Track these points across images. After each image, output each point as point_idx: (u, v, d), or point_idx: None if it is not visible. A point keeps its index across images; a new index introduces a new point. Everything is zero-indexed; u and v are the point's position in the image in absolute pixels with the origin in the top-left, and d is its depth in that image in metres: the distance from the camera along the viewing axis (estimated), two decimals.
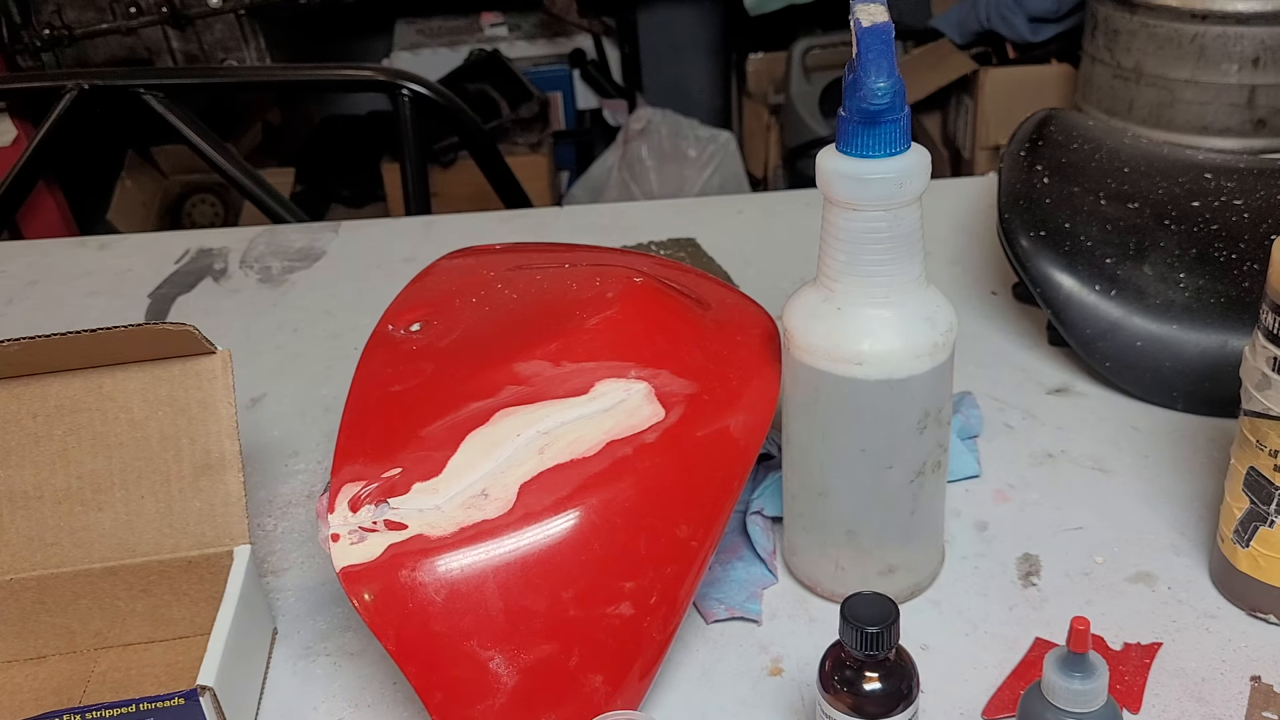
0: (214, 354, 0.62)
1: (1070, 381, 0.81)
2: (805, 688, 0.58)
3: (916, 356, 0.55)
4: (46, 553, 0.61)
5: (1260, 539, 0.58)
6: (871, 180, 0.52)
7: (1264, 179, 0.84)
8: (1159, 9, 1.89)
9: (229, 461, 0.62)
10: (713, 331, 0.66)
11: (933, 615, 0.62)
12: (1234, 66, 1.86)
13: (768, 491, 0.68)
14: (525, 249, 0.81)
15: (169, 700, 0.51)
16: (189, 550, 0.61)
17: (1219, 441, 0.73)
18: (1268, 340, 0.55)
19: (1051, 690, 0.46)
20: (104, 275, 1.04)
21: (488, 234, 1.04)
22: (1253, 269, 0.76)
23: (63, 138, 1.35)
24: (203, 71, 2.07)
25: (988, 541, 0.67)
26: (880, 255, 0.54)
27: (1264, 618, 0.61)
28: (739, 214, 1.08)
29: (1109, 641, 0.60)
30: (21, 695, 0.61)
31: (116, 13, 2.26)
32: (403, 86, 1.36)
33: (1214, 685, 0.57)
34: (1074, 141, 0.88)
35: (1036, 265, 0.79)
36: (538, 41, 2.78)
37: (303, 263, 1.05)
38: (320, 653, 0.63)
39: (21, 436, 0.61)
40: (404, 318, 0.69)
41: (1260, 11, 1.82)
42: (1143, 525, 0.68)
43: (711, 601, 0.63)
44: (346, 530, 0.57)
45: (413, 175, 1.39)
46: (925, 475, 0.59)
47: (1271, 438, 0.56)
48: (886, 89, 0.51)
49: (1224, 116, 1.90)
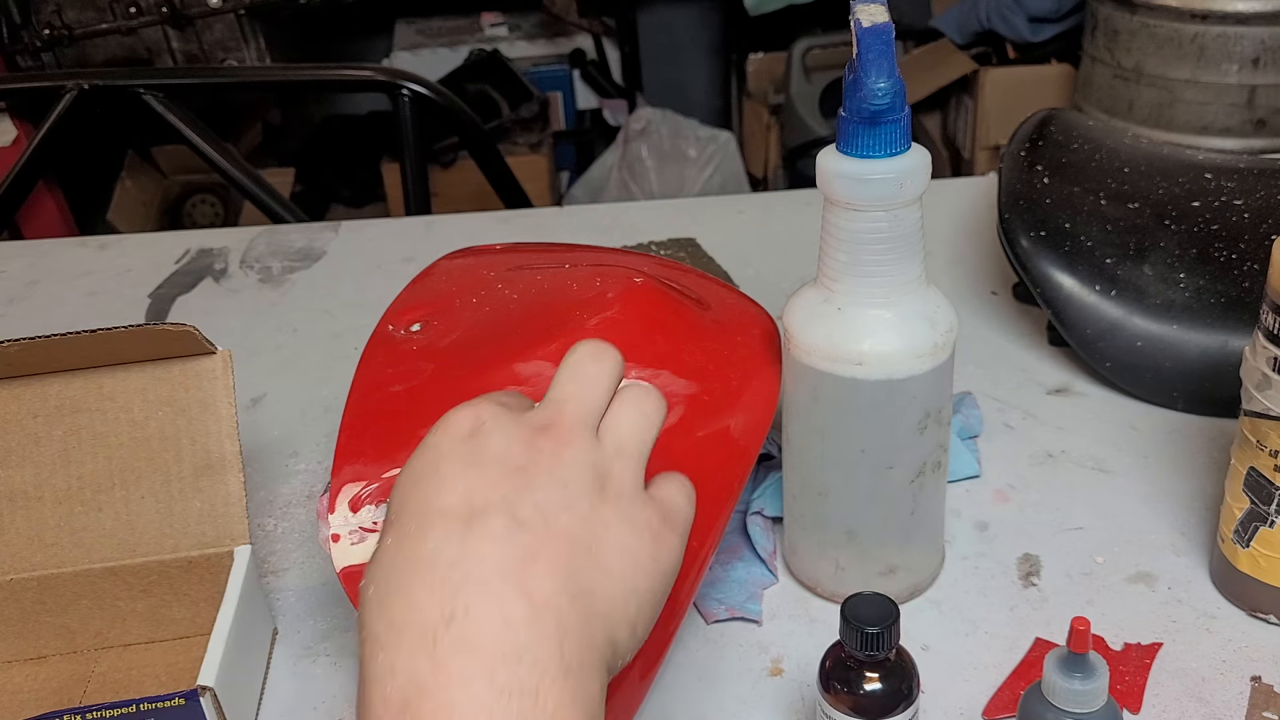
0: (214, 354, 0.62)
1: (1070, 381, 0.81)
2: (805, 688, 0.58)
3: (917, 357, 0.55)
4: (46, 553, 0.61)
5: (1260, 539, 0.58)
6: (872, 180, 0.52)
7: (1264, 179, 0.84)
8: (1159, 9, 1.89)
9: (229, 462, 0.62)
10: (713, 331, 0.66)
11: (933, 615, 0.62)
12: (1234, 66, 1.86)
13: (768, 491, 0.68)
14: (525, 249, 0.81)
15: (169, 700, 0.51)
16: (189, 550, 0.61)
17: (1219, 441, 0.73)
18: (1268, 340, 0.55)
19: (1052, 690, 0.46)
20: (104, 275, 1.04)
21: (488, 234, 1.04)
22: (1253, 269, 0.76)
23: (63, 138, 1.35)
24: (203, 71, 2.07)
25: (988, 541, 0.67)
26: (880, 255, 0.54)
27: (1264, 618, 0.61)
28: (739, 214, 1.08)
29: (1109, 641, 0.60)
30: (21, 695, 0.61)
31: (116, 13, 2.26)
32: (403, 86, 1.36)
33: (1214, 685, 0.57)
34: (1074, 141, 0.88)
35: (1036, 265, 0.79)
36: (538, 41, 2.78)
37: (303, 263, 1.05)
38: (320, 653, 0.63)
39: (21, 436, 0.61)
40: (404, 318, 0.69)
41: (1260, 11, 1.82)
42: (1143, 525, 0.68)
43: (711, 601, 0.63)
44: (347, 530, 0.57)
45: (413, 175, 1.39)
46: (925, 475, 0.59)
47: (1272, 438, 0.56)
48: (887, 89, 0.51)
49: (1224, 116, 1.90)
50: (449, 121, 1.47)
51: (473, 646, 0.36)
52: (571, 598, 0.38)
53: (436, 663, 0.36)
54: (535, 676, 0.36)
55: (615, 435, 0.43)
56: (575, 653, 0.38)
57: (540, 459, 0.41)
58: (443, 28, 2.81)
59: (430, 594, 0.37)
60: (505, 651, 0.36)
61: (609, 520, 0.41)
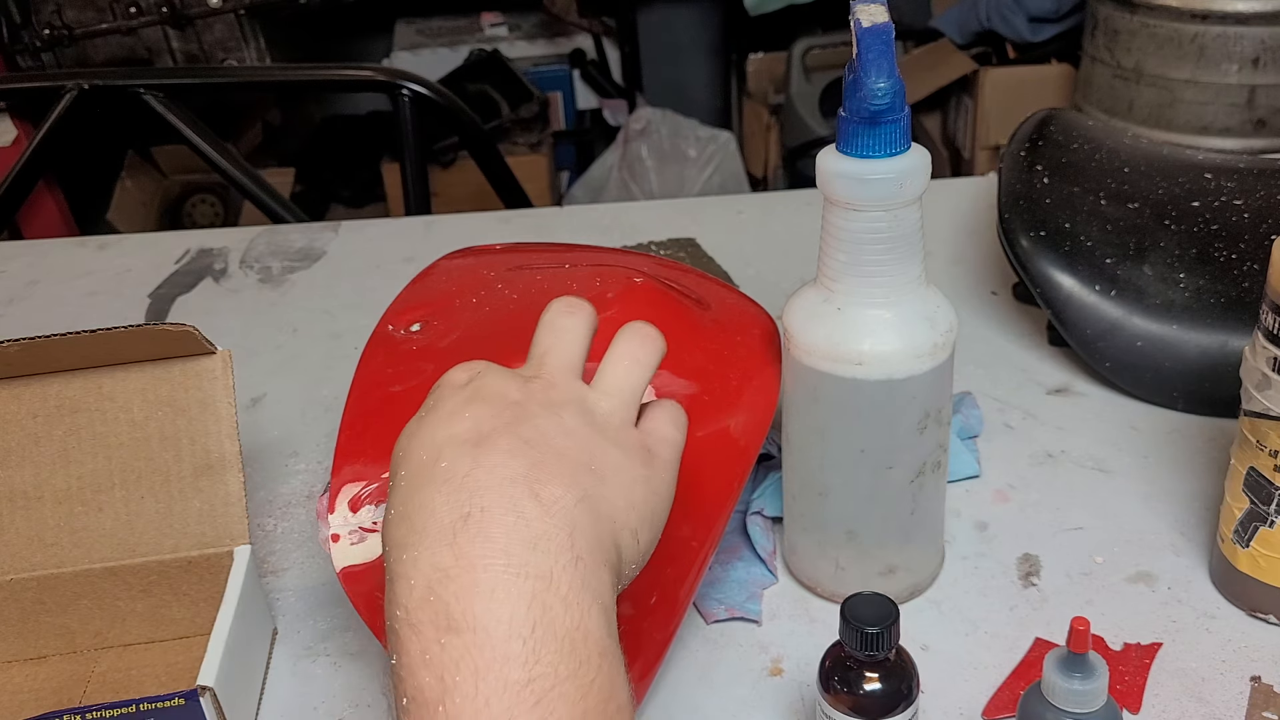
0: (214, 354, 0.62)
1: (1070, 381, 0.81)
2: (805, 688, 0.58)
3: (917, 357, 0.55)
4: (46, 553, 0.61)
5: (1260, 539, 0.58)
6: (871, 180, 0.52)
7: (1264, 179, 0.84)
8: (1159, 9, 1.89)
9: (229, 461, 0.62)
10: (713, 331, 0.66)
11: (933, 615, 0.62)
12: (1234, 66, 1.86)
13: (768, 491, 0.68)
14: (525, 249, 0.81)
15: (169, 700, 0.51)
16: (189, 550, 0.61)
17: (1219, 441, 0.73)
18: (1268, 340, 0.55)
19: (1051, 690, 0.46)
20: (104, 275, 1.04)
21: (488, 234, 1.04)
22: (1253, 269, 0.76)
23: (63, 138, 1.35)
24: (203, 71, 2.07)
25: (988, 541, 0.67)
26: (880, 255, 0.54)
27: (1264, 618, 0.61)
28: (739, 214, 1.08)
29: (1109, 641, 0.60)
30: (21, 695, 0.61)
31: (116, 13, 2.26)
32: (403, 86, 1.36)
33: (1214, 685, 0.57)
34: (1074, 141, 0.88)
35: (1036, 265, 0.79)
36: (538, 41, 2.78)
37: (303, 263, 1.05)
38: (320, 653, 0.63)
39: (21, 436, 0.61)
40: (404, 318, 0.69)
41: (1260, 11, 1.82)
42: (1143, 525, 0.68)
43: (711, 601, 0.63)
44: (347, 530, 0.57)
45: (413, 175, 1.39)
46: (925, 475, 0.59)
47: (1271, 438, 0.56)
48: (887, 89, 0.51)
49: (1224, 116, 1.90)
50: (449, 121, 1.47)
51: (489, 536, 0.39)
52: (576, 500, 0.41)
53: (457, 551, 0.39)
54: (549, 561, 0.39)
55: (606, 379, 0.47)
56: (585, 545, 0.41)
57: (533, 395, 0.45)
58: (443, 28, 2.81)
59: (448, 501, 0.40)
60: (520, 539, 0.39)
61: (602, 444, 0.44)
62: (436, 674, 0.37)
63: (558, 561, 0.39)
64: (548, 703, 0.37)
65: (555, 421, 0.44)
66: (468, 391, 0.44)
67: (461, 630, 0.37)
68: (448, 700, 0.36)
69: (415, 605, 0.38)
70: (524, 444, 0.42)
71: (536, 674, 0.37)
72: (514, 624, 0.37)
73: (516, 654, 0.37)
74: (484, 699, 0.36)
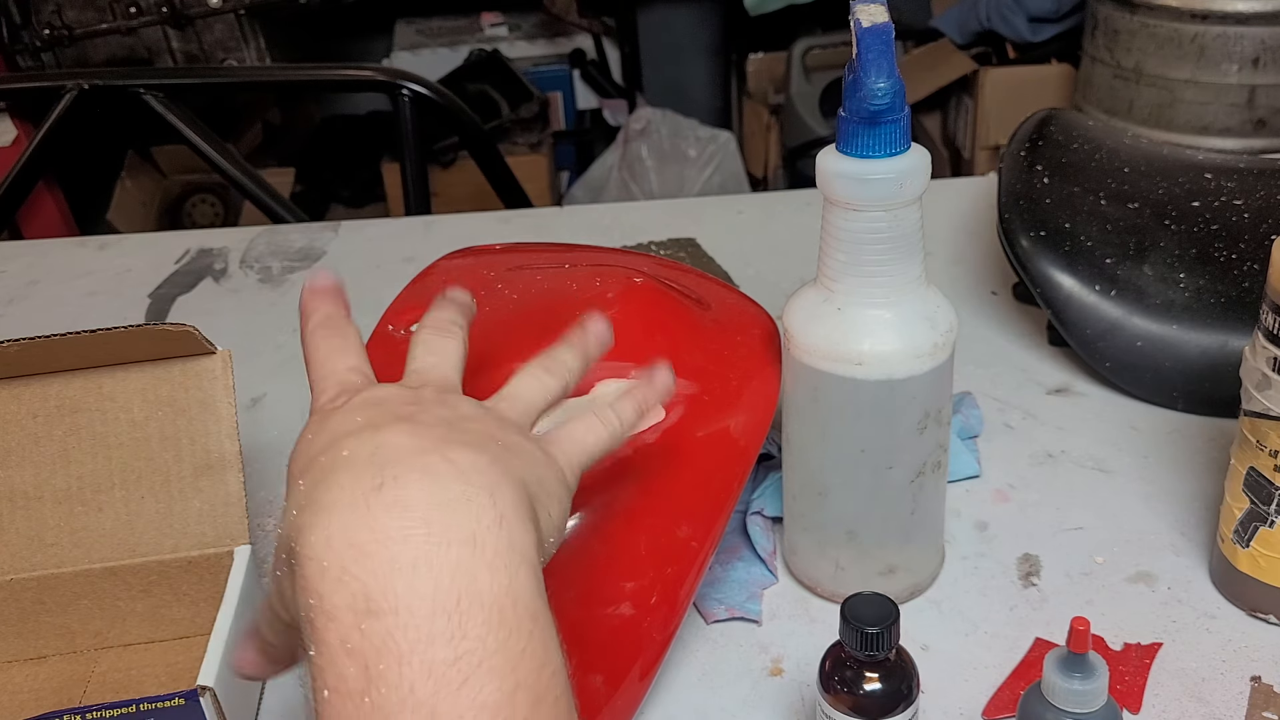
0: (214, 354, 0.62)
1: (1070, 381, 0.81)
2: (805, 688, 0.58)
3: (916, 357, 0.55)
4: (46, 553, 0.61)
5: (1260, 539, 0.58)
6: (871, 180, 0.52)
7: (1264, 179, 0.84)
8: (1159, 9, 1.89)
9: (229, 461, 0.62)
10: (713, 331, 0.66)
11: (933, 615, 0.62)
12: (1234, 66, 1.86)
13: (768, 491, 0.68)
14: (525, 249, 0.81)
15: (169, 700, 0.51)
16: (189, 550, 0.61)
17: (1219, 441, 0.73)
18: (1268, 340, 0.55)
19: (1051, 690, 0.46)
20: (104, 275, 1.04)
21: (488, 234, 1.04)
22: (1253, 269, 0.76)
23: (63, 138, 1.35)
24: (203, 71, 2.07)
25: (988, 541, 0.67)
26: (880, 255, 0.54)
27: (1264, 618, 0.61)
28: (739, 214, 1.08)
29: (1109, 641, 0.60)
30: (21, 695, 0.61)
31: (116, 13, 2.26)
32: (403, 86, 1.36)
33: (1214, 685, 0.57)
34: (1074, 141, 0.88)
35: (1036, 265, 0.79)
36: (538, 41, 2.78)
37: (303, 263, 1.05)
38: None
39: (21, 436, 0.61)
40: (404, 318, 0.69)
41: (1260, 11, 1.82)
42: (1143, 525, 0.68)
43: (711, 601, 0.63)
44: None
45: (413, 175, 1.39)
46: (925, 475, 0.59)
47: (1271, 438, 0.56)
48: (886, 89, 0.51)
49: (1224, 116, 1.90)
50: (449, 121, 1.47)
51: (407, 504, 0.37)
52: (490, 461, 0.40)
53: (372, 524, 0.36)
54: (471, 523, 0.37)
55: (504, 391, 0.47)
56: (506, 503, 0.38)
57: (424, 396, 0.43)
58: (443, 28, 2.81)
59: (356, 477, 0.38)
60: (438, 502, 0.37)
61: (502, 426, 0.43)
62: (360, 664, 0.35)
63: (480, 522, 0.37)
64: (476, 680, 0.34)
65: (452, 410, 0.42)
66: (356, 400, 0.43)
67: (382, 613, 0.35)
68: (373, 691, 0.34)
69: (329, 590, 0.36)
70: (425, 426, 0.40)
71: (463, 650, 0.35)
72: (438, 599, 0.35)
73: (441, 631, 0.35)
74: (409, 685, 0.34)
